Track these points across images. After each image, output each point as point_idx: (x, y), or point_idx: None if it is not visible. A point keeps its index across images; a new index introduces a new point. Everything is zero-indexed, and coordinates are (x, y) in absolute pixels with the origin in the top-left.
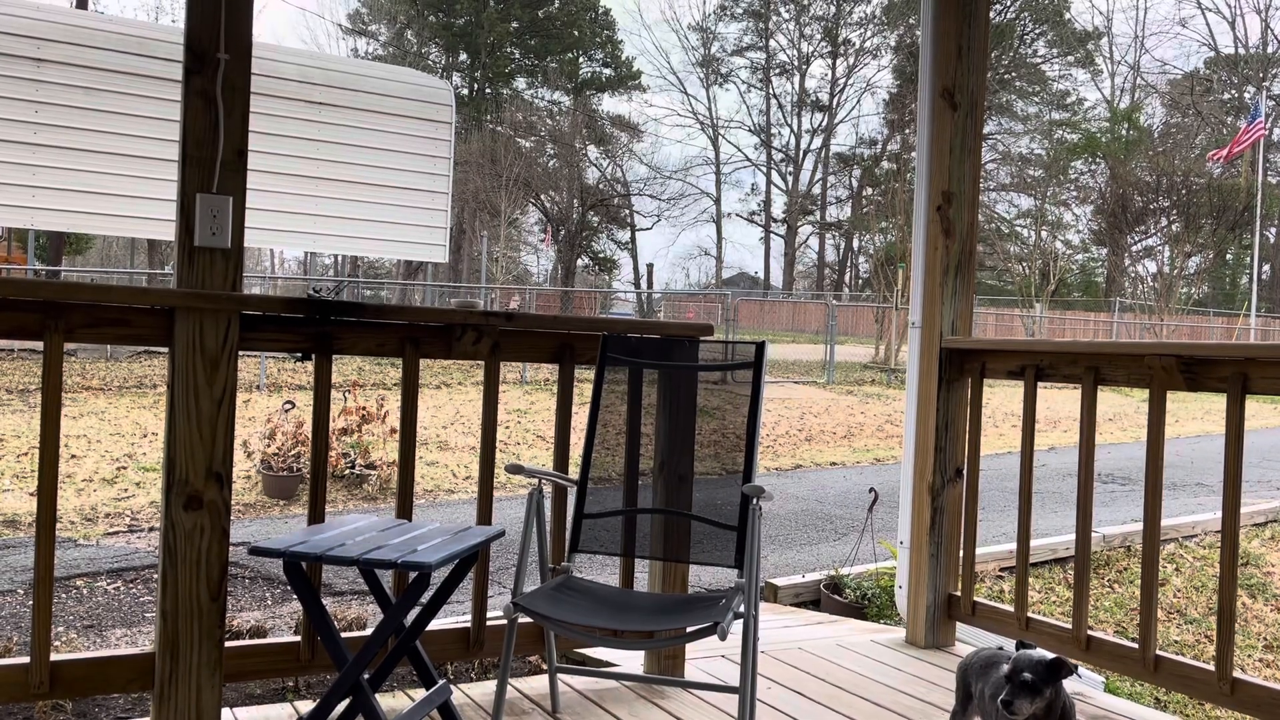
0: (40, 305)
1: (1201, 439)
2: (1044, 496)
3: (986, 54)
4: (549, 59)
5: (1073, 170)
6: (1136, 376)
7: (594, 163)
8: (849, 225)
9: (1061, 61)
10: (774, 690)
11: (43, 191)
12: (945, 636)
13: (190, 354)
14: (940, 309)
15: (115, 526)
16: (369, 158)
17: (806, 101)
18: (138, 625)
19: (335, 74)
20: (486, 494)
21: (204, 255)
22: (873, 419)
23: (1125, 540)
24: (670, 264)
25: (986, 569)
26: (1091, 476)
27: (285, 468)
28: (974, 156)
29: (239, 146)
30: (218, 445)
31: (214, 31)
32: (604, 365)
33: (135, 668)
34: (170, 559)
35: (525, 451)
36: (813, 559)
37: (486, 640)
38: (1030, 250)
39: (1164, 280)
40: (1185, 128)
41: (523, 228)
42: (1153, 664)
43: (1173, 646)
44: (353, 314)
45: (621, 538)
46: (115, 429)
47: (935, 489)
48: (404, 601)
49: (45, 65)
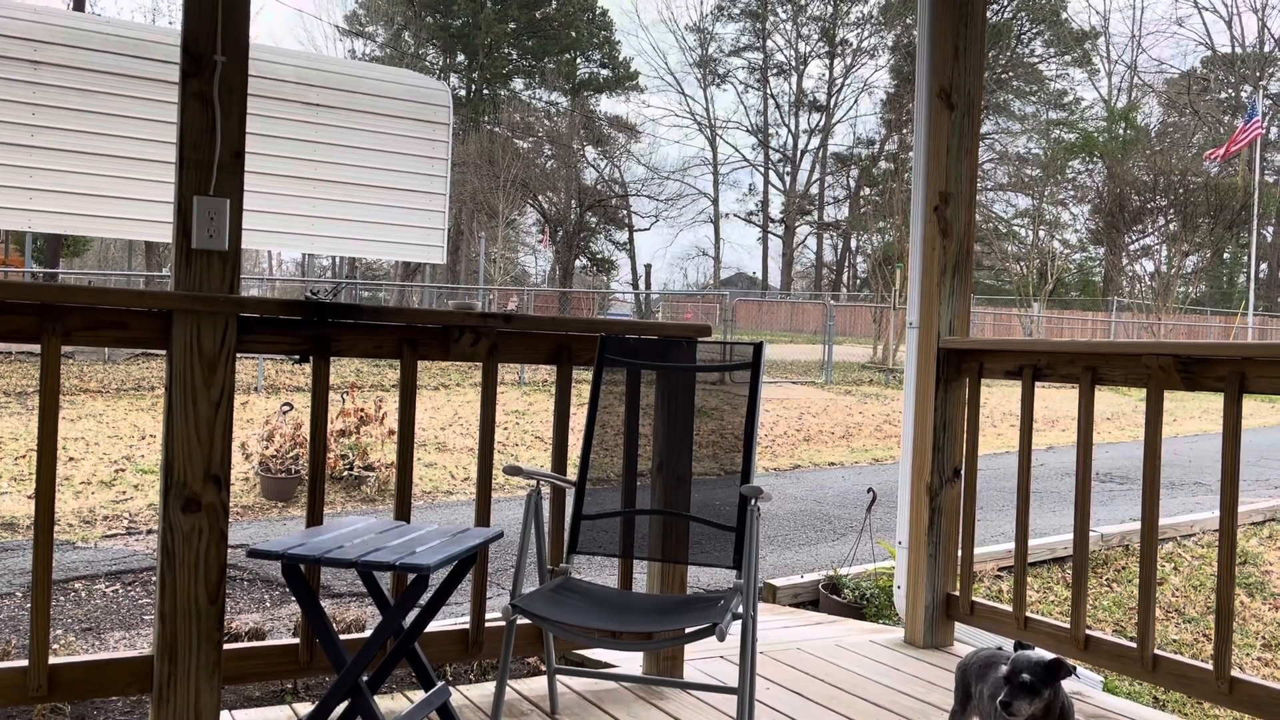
0: (37, 308)
1: (1200, 438)
2: (1042, 496)
3: (983, 54)
4: (546, 60)
5: (1070, 170)
6: (1134, 376)
7: (592, 163)
8: (847, 225)
9: (1058, 61)
10: (773, 691)
11: (40, 194)
12: (944, 636)
13: (188, 356)
14: (938, 309)
15: (114, 529)
16: (366, 159)
17: (804, 102)
18: (136, 628)
19: (332, 75)
20: (485, 495)
21: (201, 257)
22: (871, 419)
23: (1123, 539)
24: (668, 264)
25: (985, 569)
26: (1089, 476)
27: (284, 470)
28: (971, 156)
29: (236, 148)
30: (215, 448)
31: (210, 34)
32: (602, 366)
33: (133, 670)
34: (168, 561)
35: (524, 452)
36: (811, 559)
37: (485, 642)
38: (1028, 250)
39: (1161, 279)
40: (1182, 127)
41: (521, 229)
42: (1151, 663)
43: (1171, 645)
44: (350, 316)
45: (620, 539)
46: (113, 431)
47: (933, 489)
48: (402, 603)
49: (42, 68)
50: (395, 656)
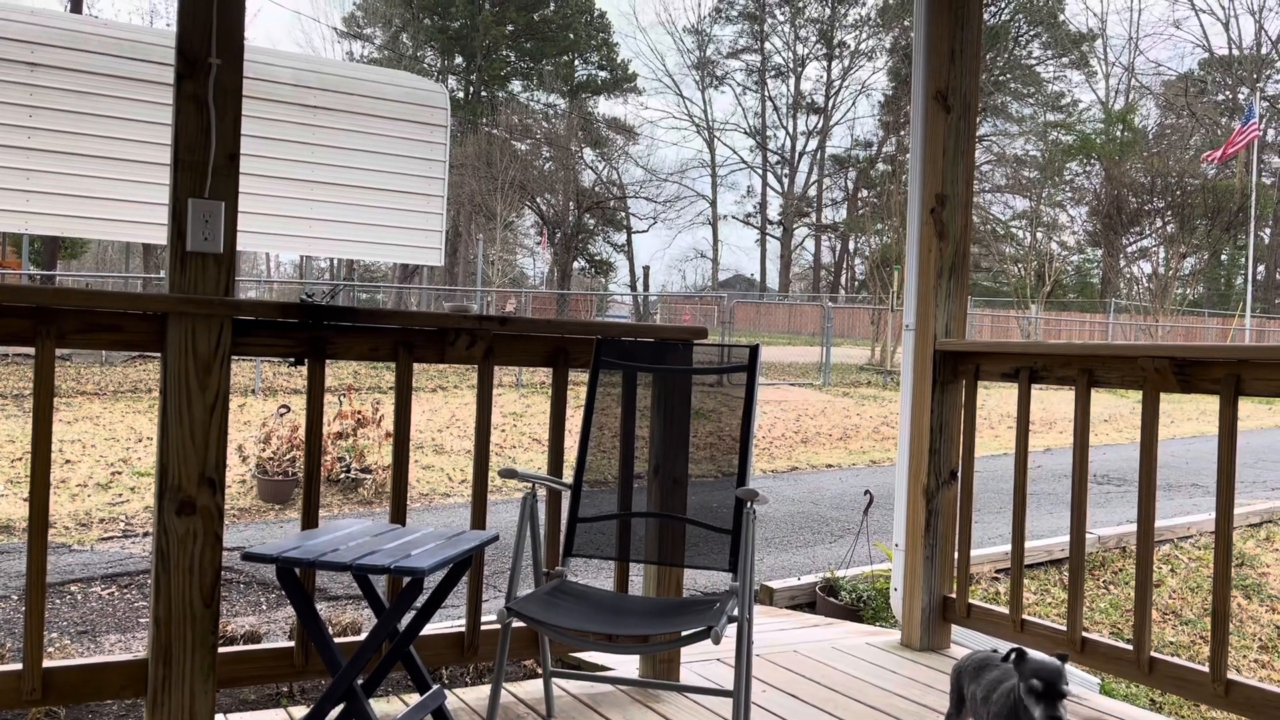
0: (32, 311)
1: (1196, 440)
2: (1039, 498)
3: (979, 57)
4: (544, 62)
5: (1068, 172)
6: (1130, 378)
7: (590, 165)
8: (845, 227)
9: (1056, 63)
10: (769, 693)
11: (37, 196)
12: (941, 639)
13: (183, 359)
14: (934, 311)
15: (109, 532)
16: (364, 161)
17: (802, 104)
18: (132, 631)
19: (330, 77)
20: (481, 498)
21: (196, 260)
22: (869, 421)
23: (1120, 541)
24: (666, 266)
25: (982, 571)
26: (1086, 478)
27: (280, 472)
28: (967, 159)
29: (231, 151)
30: (210, 451)
31: (205, 36)
32: (598, 369)
33: (128, 674)
34: (163, 564)
35: (521, 454)
36: (808, 561)
37: (481, 645)
38: (1025, 251)
39: (1159, 281)
40: (1180, 129)
41: (519, 230)
42: (1147, 665)
43: (1168, 648)
44: (345, 318)
45: (616, 541)
46: (109, 434)
47: (930, 491)
48: (398, 606)
49: (39, 70)
50: (390, 660)
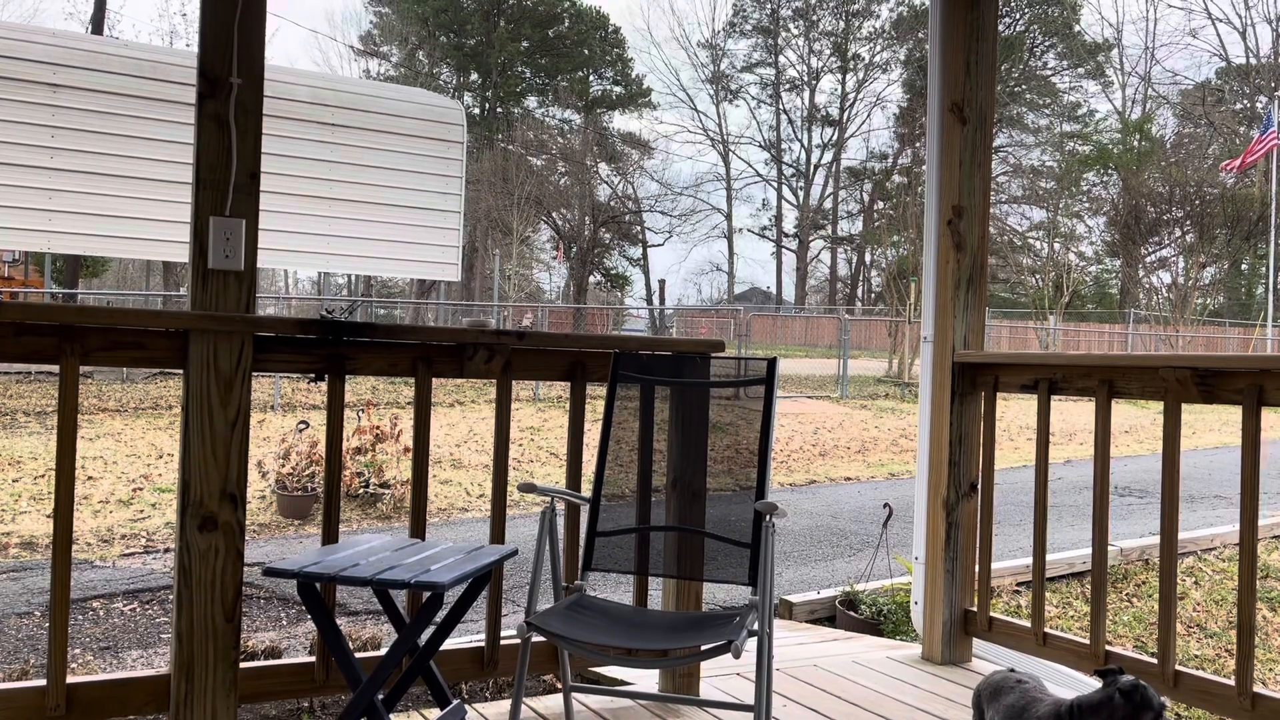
0: (56, 329)
1: (1219, 450)
2: (1060, 510)
3: (995, 69)
4: (559, 78)
5: (1085, 182)
6: (1151, 389)
7: (605, 180)
8: (861, 239)
9: (1072, 73)
10: (790, 708)
11: (59, 215)
12: (962, 653)
13: (204, 376)
14: (952, 323)
15: (131, 548)
16: (381, 178)
17: (817, 116)
18: (154, 646)
19: (347, 95)
20: (499, 512)
21: (217, 277)
22: (887, 433)
23: (1143, 554)
24: (682, 280)
25: (1003, 584)
26: (1107, 489)
27: (300, 487)
28: (984, 170)
29: (252, 169)
30: (232, 467)
31: (226, 57)
32: (616, 382)
33: (151, 689)
34: (185, 580)
35: (539, 469)
36: (827, 575)
37: (501, 660)
38: (1043, 262)
39: (1179, 291)
40: (1198, 138)
41: (535, 245)
42: (1172, 679)
43: (1193, 661)
44: (365, 334)
45: (635, 555)
46: (131, 450)
47: (950, 504)
48: (418, 622)
49: (61, 91)
50: (411, 675)
